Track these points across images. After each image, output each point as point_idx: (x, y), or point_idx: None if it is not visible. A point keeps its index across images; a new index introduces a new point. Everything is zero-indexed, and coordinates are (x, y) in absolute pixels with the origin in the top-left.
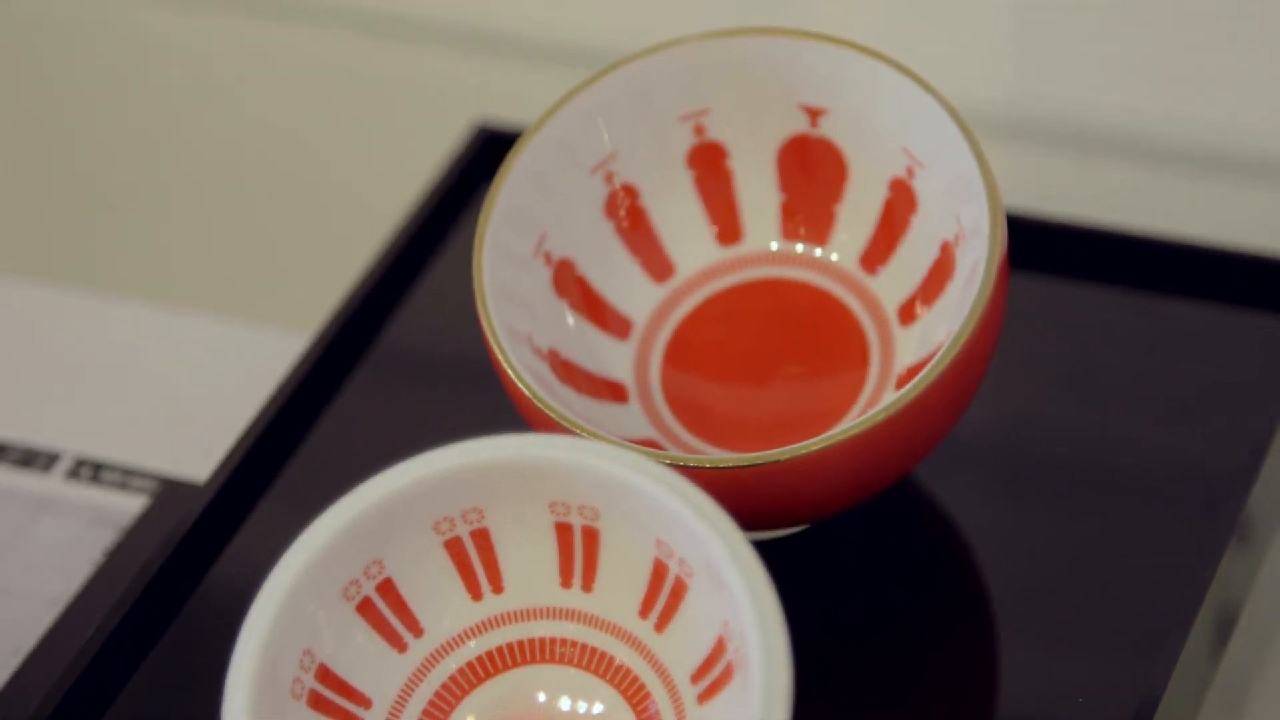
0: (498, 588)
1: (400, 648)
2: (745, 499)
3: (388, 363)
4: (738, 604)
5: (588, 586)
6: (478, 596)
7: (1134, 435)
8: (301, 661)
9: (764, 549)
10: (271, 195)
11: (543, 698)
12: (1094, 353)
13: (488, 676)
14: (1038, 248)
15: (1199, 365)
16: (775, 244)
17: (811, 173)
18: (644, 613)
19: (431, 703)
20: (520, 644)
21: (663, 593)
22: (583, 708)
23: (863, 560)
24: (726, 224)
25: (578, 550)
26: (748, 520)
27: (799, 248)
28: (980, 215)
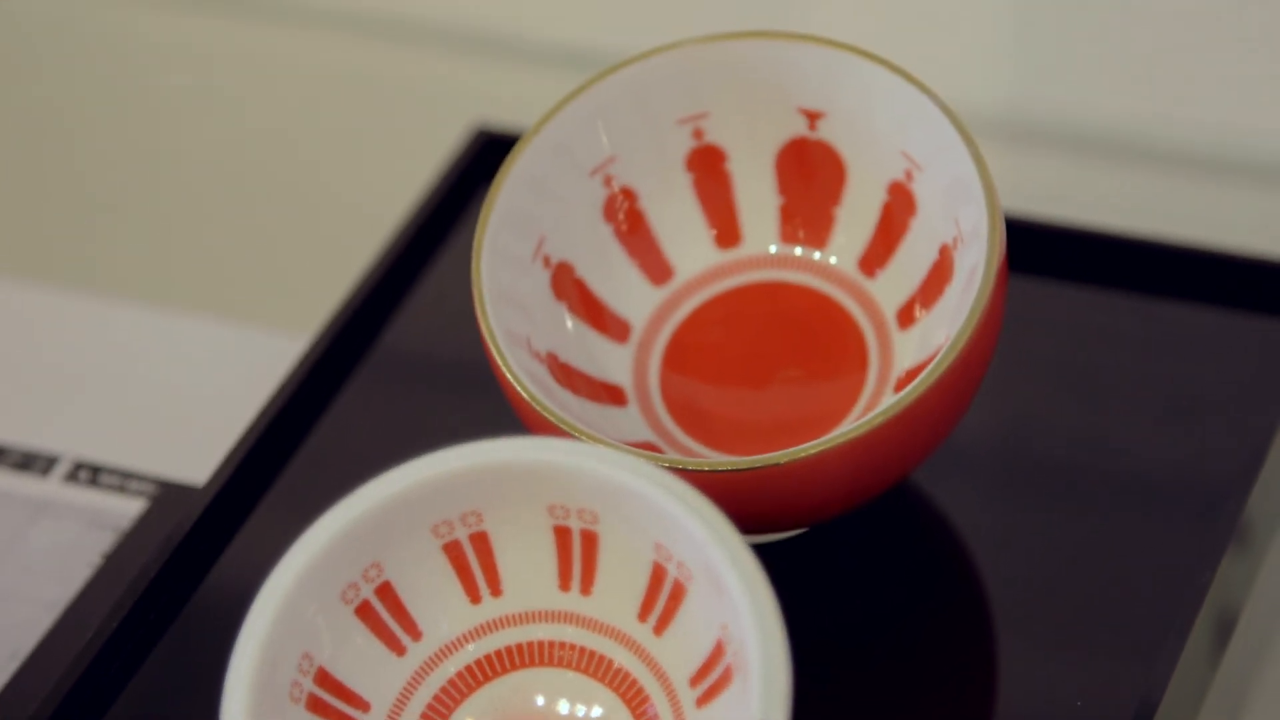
0: (496, 591)
1: (399, 651)
2: (744, 502)
3: (386, 365)
4: (736, 607)
5: (586, 590)
6: (476, 600)
7: (1133, 438)
8: (300, 665)
9: (763, 552)
10: (270, 198)
11: (541, 701)
12: (1093, 356)
13: (486, 680)
14: (1036, 251)
15: (1198, 368)
16: (774, 247)
17: (810, 176)
18: (643, 616)
19: (430, 706)
20: (519, 647)
21: (661, 596)
22: (581, 711)
23: (862, 563)
24: (725, 227)
25: (576, 553)
26: (746, 523)
27: (798, 251)
28: (979, 218)
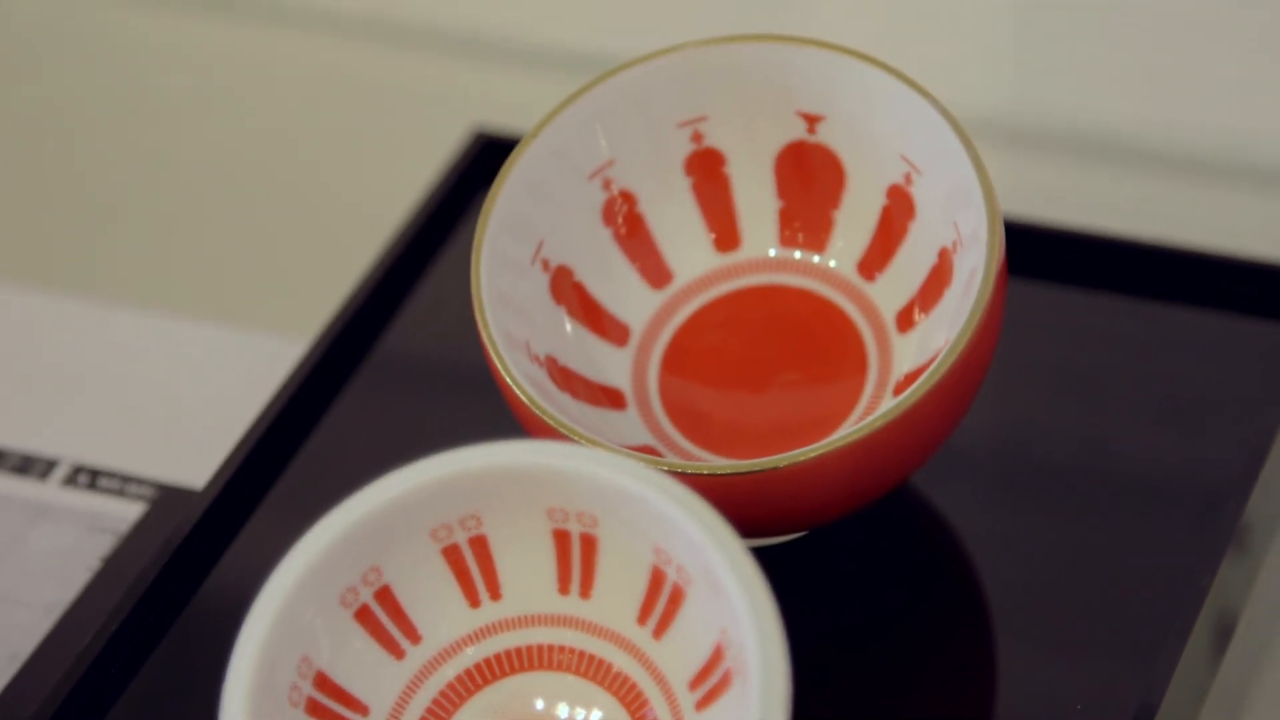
0: (495, 595)
1: (398, 655)
2: (743, 506)
3: (385, 369)
4: (736, 611)
5: (586, 593)
6: (475, 603)
7: (1132, 441)
8: (299, 669)
9: (762, 556)
10: (269, 201)
11: (540, 705)
12: (1092, 359)
13: (485, 683)
14: (1036, 254)
15: (1197, 372)
16: (773, 250)
17: (809, 179)
18: (642, 619)
19: (429, 710)
20: (518, 651)
21: (661, 599)
22: (581, 714)
23: (861, 567)
24: (724, 230)
25: (575, 557)
26: (746, 527)
27: (797, 254)
28: (978, 222)
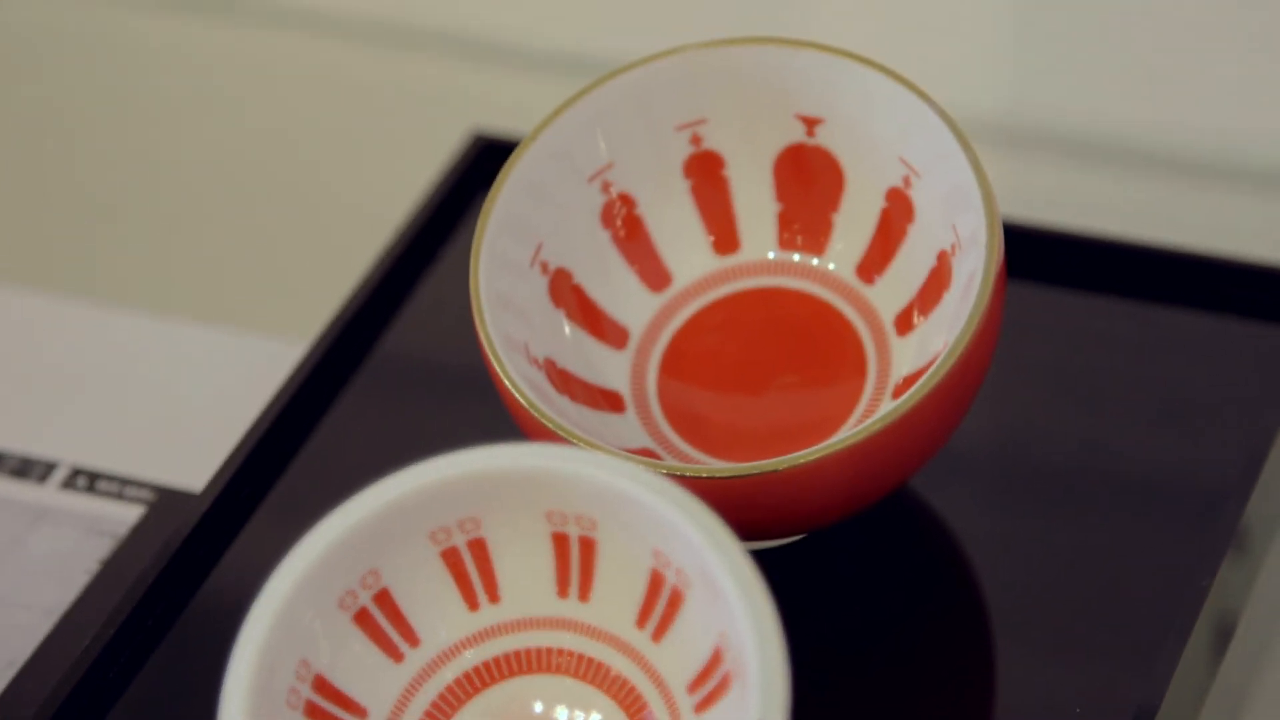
0: (494, 598)
1: (397, 658)
2: (742, 509)
3: (384, 372)
4: (735, 614)
5: (584, 596)
6: (474, 606)
7: (1131, 444)
8: (298, 671)
9: (761, 558)
10: (268, 204)
11: (539, 708)
12: (1091, 361)
13: (484, 686)
14: (1034, 257)
15: (1196, 374)
16: (772, 253)
17: (808, 182)
18: (641, 622)
19: (428, 713)
20: (517, 654)
21: (660, 602)
22: (580, 717)
23: (860, 569)
24: (723, 233)
25: (574, 560)
26: (745, 530)
27: (796, 257)
28: (977, 225)
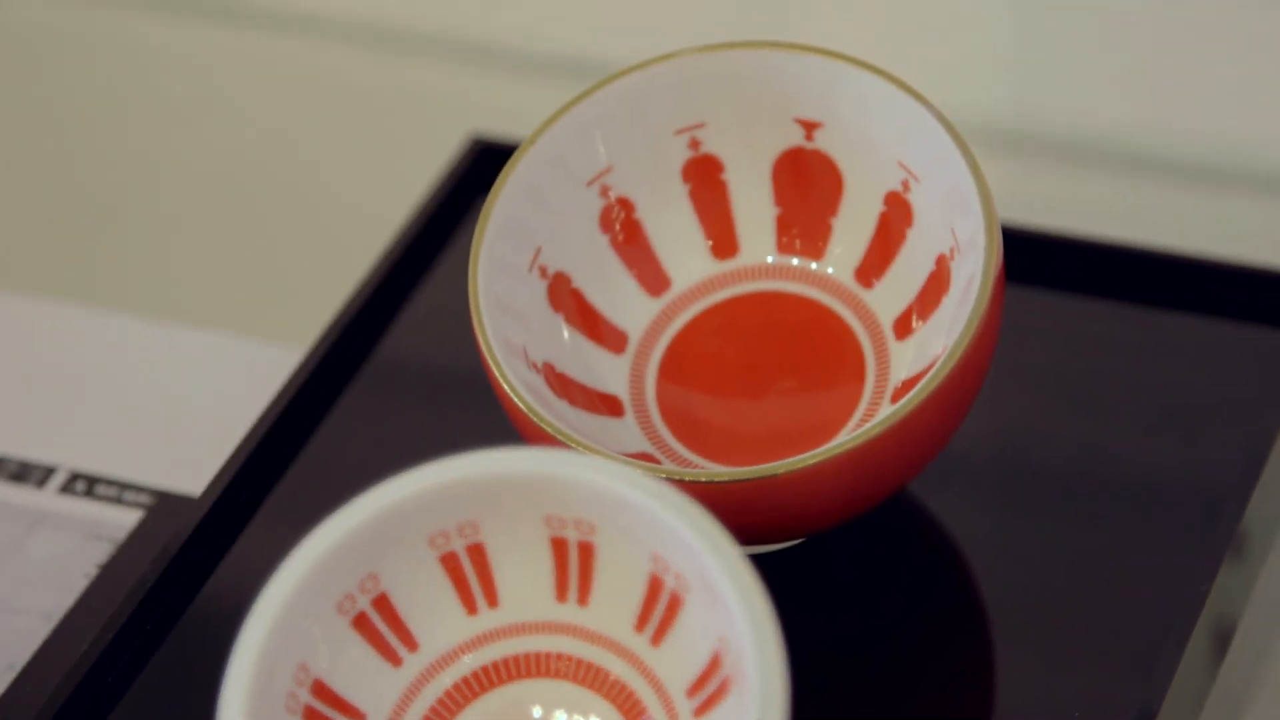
0: (493, 602)
1: (395, 662)
2: (741, 513)
3: (383, 376)
4: (733, 618)
5: (583, 601)
6: (473, 611)
7: (1130, 448)
8: (296, 676)
9: (760, 563)
10: (267, 208)
11: (538, 712)
12: (1090, 365)
13: (483, 691)
14: (1033, 261)
15: (1195, 378)
16: (771, 257)
17: (807, 186)
18: (640, 627)
19: (426, 718)
20: (516, 659)
21: (658, 607)
22: None
23: (859, 574)
24: (722, 237)
25: (573, 564)
26: (744, 534)
27: (794, 261)
28: (976, 228)
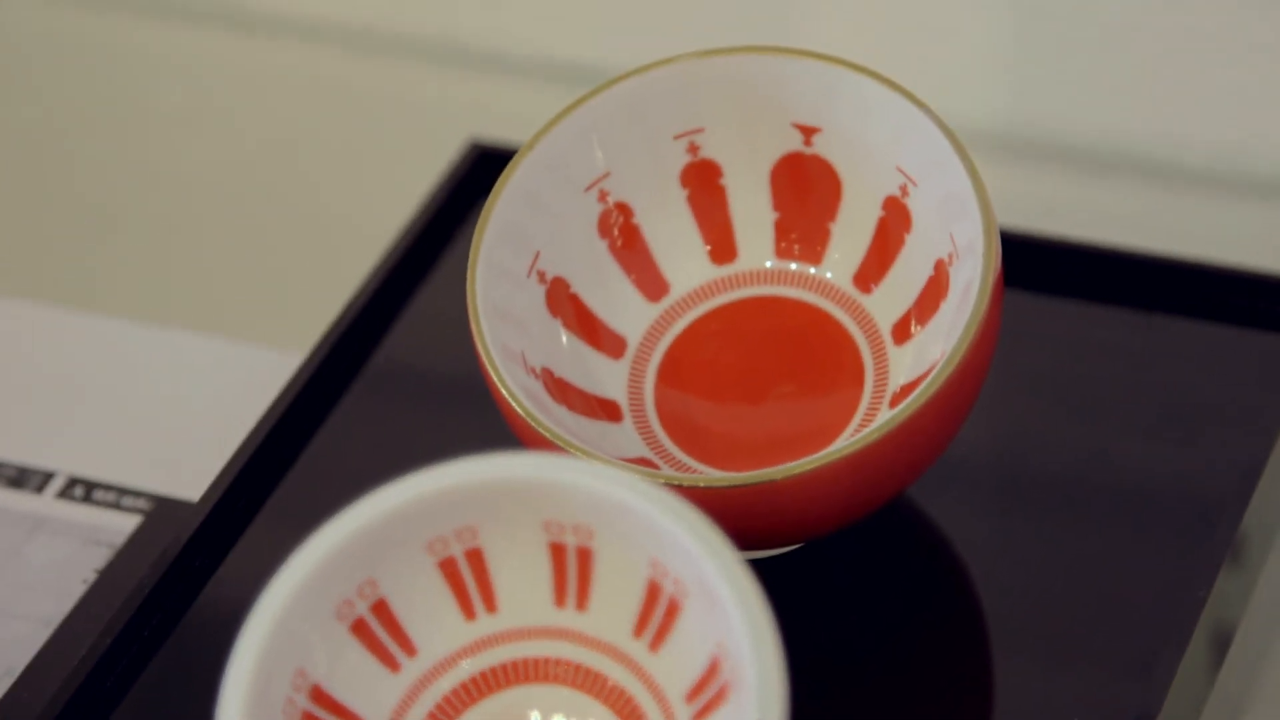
0: (491, 607)
1: (394, 668)
2: (740, 518)
3: (381, 381)
4: (732, 623)
5: (582, 606)
6: (471, 616)
7: (1128, 453)
8: (294, 682)
9: (758, 568)
10: (265, 213)
11: (536, 718)
12: (1089, 370)
13: (481, 696)
14: (1032, 266)
15: (1194, 383)
16: (769, 262)
17: (805, 191)
18: (638, 632)
19: None
20: (514, 664)
21: (657, 612)
22: None
23: (857, 579)
24: (720, 242)
25: (571, 570)
26: (742, 539)
27: (793, 266)
28: (974, 233)
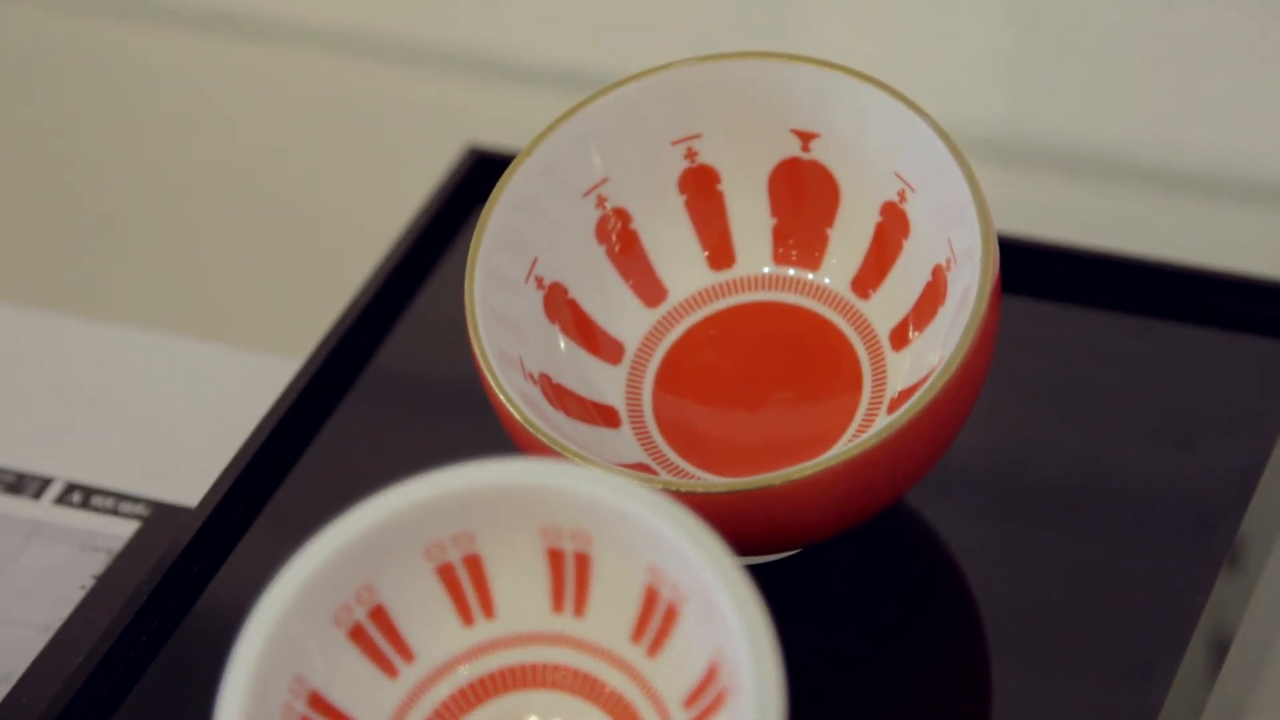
0: (489, 613)
1: (392, 674)
2: (737, 524)
3: (379, 387)
4: (730, 629)
5: (580, 612)
6: (469, 622)
7: (1127, 458)
8: (292, 688)
9: (756, 573)
10: (264, 219)
11: None
12: (1087, 376)
13: (479, 702)
14: (1030, 271)
15: (1192, 388)
16: (767, 268)
17: (803, 197)
18: (636, 638)
19: None
20: (512, 669)
21: (655, 618)
22: None
23: (855, 584)
24: (718, 248)
25: (569, 575)
26: (740, 545)
27: (791, 272)
28: (972, 239)
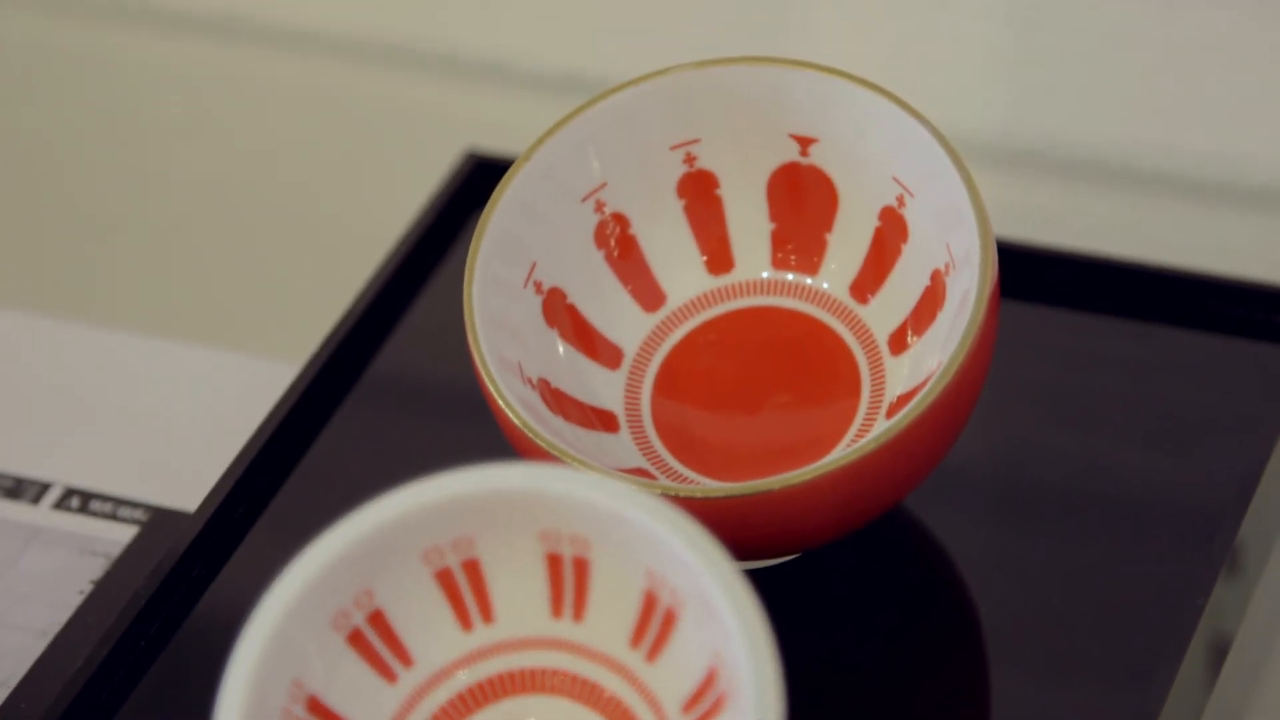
0: (488, 618)
1: (390, 678)
2: (736, 528)
3: (378, 392)
4: (729, 634)
5: (578, 616)
6: (468, 626)
7: (1125, 463)
8: (291, 692)
9: (755, 578)
10: (262, 224)
11: None
12: (1085, 381)
13: (478, 707)
14: (1028, 276)
15: (1191, 394)
16: (766, 273)
17: (802, 201)
18: (635, 643)
19: None
20: (511, 674)
21: (654, 623)
22: None
23: (854, 589)
24: (717, 253)
25: (568, 580)
26: (739, 549)
27: (790, 276)
28: (971, 244)
